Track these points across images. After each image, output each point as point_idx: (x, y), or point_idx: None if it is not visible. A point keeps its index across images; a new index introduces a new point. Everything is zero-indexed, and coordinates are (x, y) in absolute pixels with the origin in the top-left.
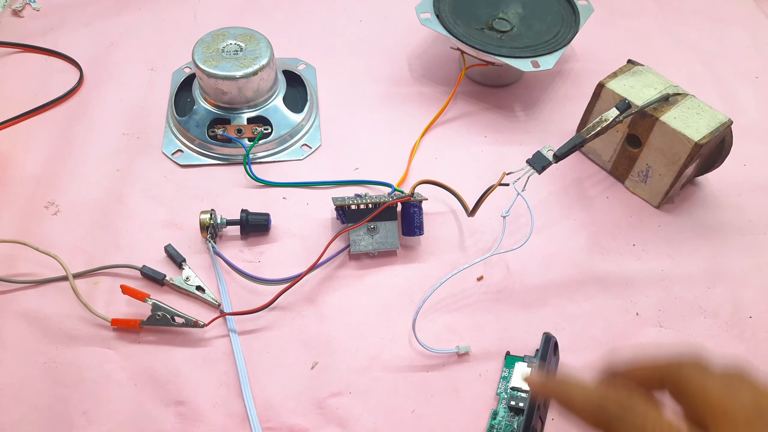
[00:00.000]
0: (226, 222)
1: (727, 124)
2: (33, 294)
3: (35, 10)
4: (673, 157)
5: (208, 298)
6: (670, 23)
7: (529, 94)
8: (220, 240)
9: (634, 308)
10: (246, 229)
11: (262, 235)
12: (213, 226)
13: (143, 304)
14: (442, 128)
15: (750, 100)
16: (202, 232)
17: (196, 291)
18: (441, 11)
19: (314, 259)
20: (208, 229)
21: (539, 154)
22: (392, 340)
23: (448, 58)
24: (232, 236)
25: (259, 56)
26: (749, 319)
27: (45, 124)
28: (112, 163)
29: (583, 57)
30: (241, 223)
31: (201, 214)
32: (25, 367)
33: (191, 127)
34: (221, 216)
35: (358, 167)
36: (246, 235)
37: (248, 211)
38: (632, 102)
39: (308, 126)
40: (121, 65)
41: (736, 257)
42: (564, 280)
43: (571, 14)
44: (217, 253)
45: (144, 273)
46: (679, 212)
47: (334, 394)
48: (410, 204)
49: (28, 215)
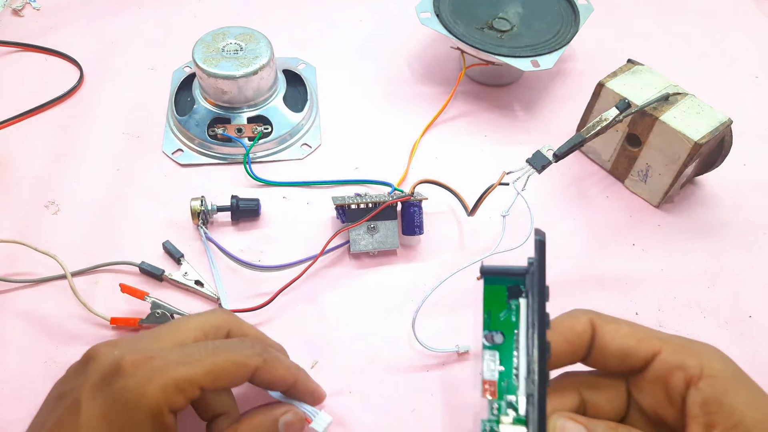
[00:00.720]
0: (217, 208)
1: (727, 123)
2: (32, 293)
3: (35, 10)
4: (672, 157)
5: (207, 292)
6: (670, 23)
7: (529, 93)
8: (212, 226)
9: (633, 308)
10: (236, 215)
11: (252, 221)
12: (204, 212)
13: (143, 302)
14: (442, 128)
15: (750, 100)
16: (193, 219)
17: (195, 285)
18: (441, 11)
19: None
20: (199, 215)
21: (539, 154)
22: (392, 340)
23: (448, 58)
24: (223, 222)
25: (259, 56)
26: (749, 318)
27: (45, 124)
28: (112, 162)
29: (583, 57)
30: (232, 209)
31: (192, 201)
32: (25, 366)
33: (191, 126)
34: (212, 202)
35: (358, 167)
36: (237, 221)
37: (238, 197)
38: (632, 101)
39: (308, 125)
40: (121, 65)
41: (736, 257)
42: (564, 280)
43: (571, 14)
44: (209, 239)
45: (143, 269)
46: (678, 212)
47: (334, 394)
48: (410, 203)
49: (28, 215)
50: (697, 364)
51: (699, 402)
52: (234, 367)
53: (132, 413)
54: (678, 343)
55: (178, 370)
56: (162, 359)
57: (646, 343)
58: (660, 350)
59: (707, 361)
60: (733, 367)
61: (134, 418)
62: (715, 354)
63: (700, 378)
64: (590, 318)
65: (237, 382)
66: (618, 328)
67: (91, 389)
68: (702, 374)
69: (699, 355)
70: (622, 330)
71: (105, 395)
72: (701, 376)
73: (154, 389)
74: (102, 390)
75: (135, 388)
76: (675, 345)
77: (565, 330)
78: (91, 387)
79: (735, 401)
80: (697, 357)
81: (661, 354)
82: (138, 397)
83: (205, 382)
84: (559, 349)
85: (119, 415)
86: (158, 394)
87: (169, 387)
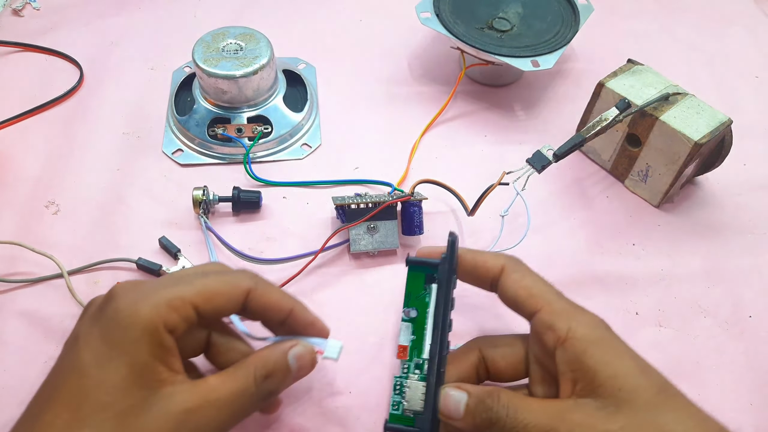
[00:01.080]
0: (219, 198)
1: (727, 123)
2: (32, 294)
3: (35, 10)
4: (672, 157)
5: None
6: (670, 23)
7: (529, 93)
8: (212, 218)
9: (633, 308)
10: (238, 206)
11: (253, 213)
12: (205, 202)
13: None
14: (442, 128)
15: (750, 100)
16: (195, 208)
17: None
18: (441, 11)
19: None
20: (200, 204)
21: (539, 154)
22: (392, 340)
23: (448, 58)
24: (224, 213)
25: (259, 55)
26: (749, 318)
27: (45, 124)
28: (112, 162)
29: (583, 56)
30: (233, 200)
31: (194, 190)
32: (25, 366)
33: (191, 126)
34: (213, 192)
35: (358, 166)
36: (238, 212)
37: (240, 188)
38: (632, 101)
39: (308, 125)
40: (121, 65)
41: (736, 257)
42: (563, 280)
43: (571, 14)
44: (209, 228)
45: (140, 265)
46: (678, 212)
47: (334, 394)
48: (410, 203)
49: (28, 215)
50: (565, 327)
51: (565, 360)
52: (226, 287)
53: (126, 330)
54: (558, 306)
55: (168, 289)
56: (154, 283)
57: (533, 300)
58: (540, 309)
59: (575, 325)
60: (599, 333)
61: (129, 336)
62: (586, 321)
63: (566, 340)
64: (504, 263)
65: (231, 305)
66: (519, 279)
67: (89, 319)
68: (567, 336)
69: (570, 319)
70: (522, 282)
71: (100, 320)
72: (566, 338)
73: (145, 307)
74: (97, 317)
75: (127, 306)
76: (553, 307)
77: (479, 259)
78: (89, 318)
79: (590, 361)
80: (567, 321)
81: (539, 313)
82: (131, 314)
83: (197, 300)
84: (467, 268)
85: (114, 333)
86: (151, 311)
87: (161, 304)
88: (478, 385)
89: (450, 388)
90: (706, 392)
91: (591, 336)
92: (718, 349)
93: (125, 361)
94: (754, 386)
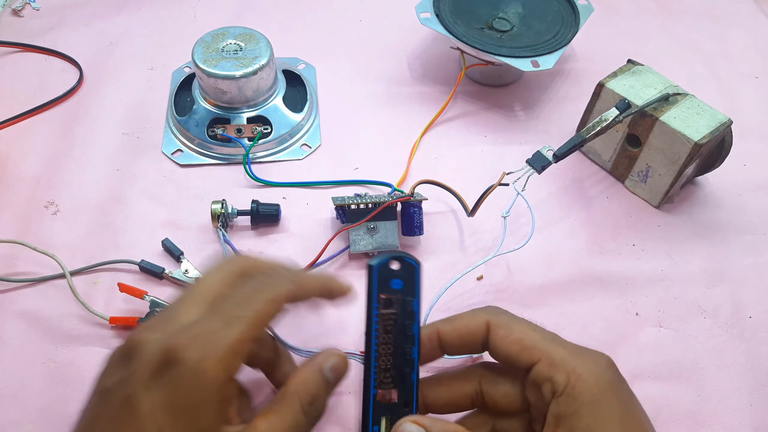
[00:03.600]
0: (237, 212)
1: (727, 123)
2: (32, 293)
3: (35, 10)
4: (672, 157)
5: None
6: (670, 23)
7: (529, 93)
8: (231, 230)
9: (633, 308)
10: (257, 220)
11: (272, 226)
12: (224, 215)
13: (142, 301)
14: (442, 128)
15: (750, 100)
16: (213, 222)
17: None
18: (441, 11)
19: (313, 259)
20: (219, 218)
21: (539, 154)
22: None
23: (448, 58)
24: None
25: (259, 56)
26: (749, 319)
27: (45, 124)
28: (112, 162)
29: (583, 57)
30: (252, 214)
31: (212, 204)
32: (25, 366)
33: (191, 126)
34: (232, 206)
35: (357, 167)
36: (256, 226)
37: (259, 202)
38: (632, 102)
39: (308, 126)
40: (121, 65)
41: (736, 257)
42: (564, 280)
43: (571, 14)
44: (227, 242)
45: (143, 267)
46: (679, 212)
47: (334, 394)
48: (410, 204)
49: (28, 215)
50: (563, 380)
51: (554, 414)
52: (272, 306)
53: (196, 395)
54: (557, 356)
55: (227, 335)
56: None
57: (527, 353)
58: (537, 361)
59: (574, 380)
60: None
61: (200, 398)
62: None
63: (561, 394)
64: (487, 320)
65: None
66: (507, 335)
67: (145, 383)
68: (564, 391)
69: (569, 372)
70: (512, 336)
71: (162, 386)
72: (563, 393)
73: (212, 364)
74: (157, 381)
75: (192, 369)
76: (552, 358)
77: (460, 327)
78: (145, 381)
79: (578, 424)
80: (566, 374)
81: (537, 365)
82: (198, 377)
83: (254, 334)
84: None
85: (183, 400)
86: (218, 367)
87: (226, 356)
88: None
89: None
90: (706, 392)
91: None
92: (718, 350)
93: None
94: (753, 386)
